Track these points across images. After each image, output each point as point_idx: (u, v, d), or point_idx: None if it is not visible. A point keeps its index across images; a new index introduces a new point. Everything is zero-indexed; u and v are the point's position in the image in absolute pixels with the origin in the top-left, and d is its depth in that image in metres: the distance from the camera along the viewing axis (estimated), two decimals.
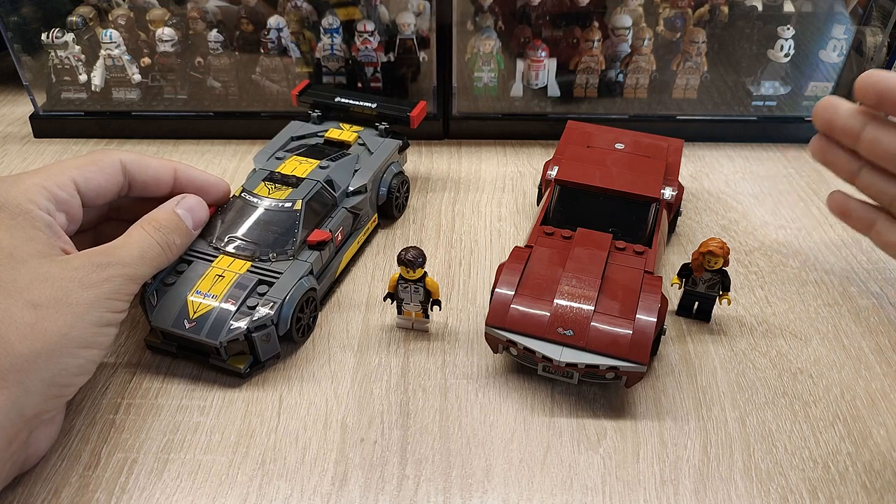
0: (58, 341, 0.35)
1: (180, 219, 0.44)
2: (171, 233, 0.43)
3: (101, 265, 0.38)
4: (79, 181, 0.42)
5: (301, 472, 0.38)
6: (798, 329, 0.48)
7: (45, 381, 0.35)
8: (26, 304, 0.35)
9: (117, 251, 0.39)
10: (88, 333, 0.36)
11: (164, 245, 0.42)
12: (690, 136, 0.65)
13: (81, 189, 0.42)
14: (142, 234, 0.41)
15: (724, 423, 0.41)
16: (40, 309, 0.35)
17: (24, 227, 0.38)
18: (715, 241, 0.44)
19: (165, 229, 0.42)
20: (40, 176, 0.40)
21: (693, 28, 0.66)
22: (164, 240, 0.42)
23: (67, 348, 0.35)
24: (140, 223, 0.42)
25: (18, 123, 0.71)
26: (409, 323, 0.47)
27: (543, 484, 0.38)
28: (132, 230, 0.42)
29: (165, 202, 0.45)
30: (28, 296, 0.35)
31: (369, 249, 0.55)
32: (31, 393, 0.34)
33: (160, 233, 0.42)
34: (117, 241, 0.40)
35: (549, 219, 0.49)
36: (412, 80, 0.68)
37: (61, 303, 0.36)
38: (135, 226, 0.42)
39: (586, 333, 0.40)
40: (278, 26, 0.65)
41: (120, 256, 0.39)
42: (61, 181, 0.41)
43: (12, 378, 0.33)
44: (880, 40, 0.64)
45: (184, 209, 0.45)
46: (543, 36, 0.66)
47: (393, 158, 0.57)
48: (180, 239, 0.44)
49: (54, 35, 0.65)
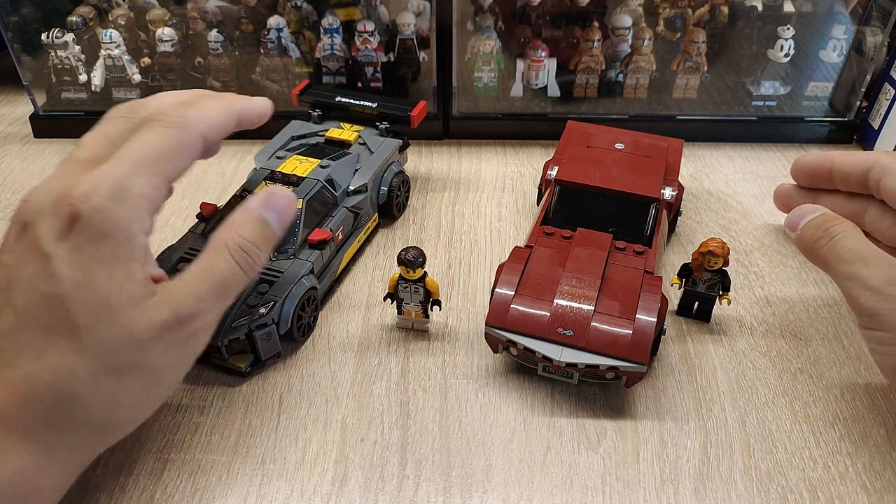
0: (133, 406, 0.34)
1: (270, 227, 0.38)
2: (259, 252, 0.37)
3: (187, 318, 0.34)
4: (170, 177, 0.36)
5: (301, 472, 0.38)
6: (798, 329, 0.48)
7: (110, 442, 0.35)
8: (112, 371, 0.32)
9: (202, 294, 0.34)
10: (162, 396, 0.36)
11: (249, 269, 0.36)
12: (690, 136, 0.65)
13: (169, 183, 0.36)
14: (227, 264, 0.35)
15: (724, 423, 0.41)
16: (123, 378, 0.32)
17: (126, 262, 0.33)
18: (715, 241, 0.44)
19: (252, 248, 0.36)
20: (141, 179, 0.34)
21: (693, 28, 0.66)
22: (250, 263, 0.36)
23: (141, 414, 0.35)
24: (224, 242, 0.36)
25: (18, 123, 0.71)
26: (409, 323, 0.47)
27: (543, 484, 0.38)
28: (216, 254, 0.35)
29: (251, 202, 0.38)
30: (115, 361, 0.32)
31: (369, 249, 0.55)
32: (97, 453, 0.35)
33: (246, 255, 0.36)
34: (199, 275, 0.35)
35: (549, 219, 0.49)
36: (412, 80, 0.68)
37: (144, 369, 0.33)
38: (218, 247, 0.36)
39: (586, 333, 0.40)
40: (278, 26, 0.65)
41: (206, 304, 0.34)
42: (158, 182, 0.35)
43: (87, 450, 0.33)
44: (880, 40, 0.64)
45: (273, 212, 0.38)
46: (543, 36, 0.66)
47: (393, 158, 0.57)
48: (266, 254, 0.38)
49: (54, 35, 0.65)
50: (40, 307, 0.32)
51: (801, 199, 0.53)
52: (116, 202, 0.32)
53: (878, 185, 0.47)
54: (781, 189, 0.55)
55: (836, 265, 0.41)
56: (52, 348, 0.31)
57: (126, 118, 0.36)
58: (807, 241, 0.43)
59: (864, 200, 0.49)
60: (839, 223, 0.42)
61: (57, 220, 0.32)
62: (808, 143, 0.69)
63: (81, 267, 0.32)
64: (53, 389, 0.31)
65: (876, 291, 0.38)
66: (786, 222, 0.46)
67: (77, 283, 0.32)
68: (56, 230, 0.32)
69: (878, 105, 0.65)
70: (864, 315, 0.38)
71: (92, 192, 0.32)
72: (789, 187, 0.55)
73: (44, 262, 0.32)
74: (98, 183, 0.32)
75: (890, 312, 0.37)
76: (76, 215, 0.32)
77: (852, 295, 0.39)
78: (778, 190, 0.55)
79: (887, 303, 0.37)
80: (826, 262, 0.41)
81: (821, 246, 0.42)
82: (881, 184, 0.46)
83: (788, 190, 0.54)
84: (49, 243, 0.32)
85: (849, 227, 0.41)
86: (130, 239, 0.33)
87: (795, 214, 0.44)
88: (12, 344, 0.32)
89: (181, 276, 0.35)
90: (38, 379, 0.31)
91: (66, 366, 0.31)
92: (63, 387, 0.31)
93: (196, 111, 0.37)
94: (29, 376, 0.31)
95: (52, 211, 0.32)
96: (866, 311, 0.38)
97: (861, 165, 0.48)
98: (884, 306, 0.37)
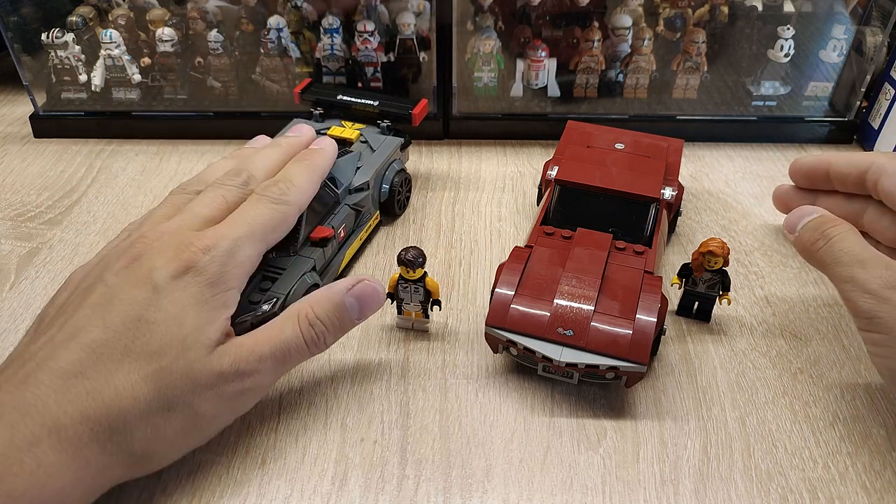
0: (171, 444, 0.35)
1: (346, 312, 0.40)
2: (327, 332, 0.39)
3: (244, 373, 0.36)
4: (270, 245, 0.41)
5: (301, 472, 0.38)
6: (798, 329, 0.48)
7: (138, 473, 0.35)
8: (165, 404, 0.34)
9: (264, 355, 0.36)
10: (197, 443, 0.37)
11: (313, 345, 0.38)
12: (690, 136, 0.65)
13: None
14: (293, 334, 0.38)
15: (724, 423, 0.41)
16: (172, 414, 0.34)
17: (216, 308, 0.36)
18: (715, 241, 0.44)
19: (321, 326, 0.38)
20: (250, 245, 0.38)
21: (693, 28, 0.66)
22: (315, 340, 0.38)
23: (175, 454, 0.36)
24: (297, 312, 0.38)
25: (18, 123, 0.71)
26: (409, 323, 0.47)
27: (543, 484, 0.38)
28: (287, 322, 0.38)
29: (340, 282, 0.40)
30: (170, 395, 0.34)
31: (370, 249, 0.55)
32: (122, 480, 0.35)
33: (313, 331, 0.38)
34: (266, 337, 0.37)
35: (549, 219, 0.49)
36: (412, 80, 0.68)
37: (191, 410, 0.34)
38: (290, 315, 0.38)
39: (586, 333, 0.40)
40: (278, 26, 0.65)
41: (264, 365, 0.36)
42: (261, 249, 0.40)
43: (117, 474, 0.34)
44: (880, 40, 0.64)
45: (354, 299, 0.40)
46: (543, 36, 0.66)
47: (395, 156, 0.57)
48: (335, 337, 0.40)
49: (54, 35, 0.65)
50: (129, 329, 0.34)
51: (800, 199, 0.53)
52: (229, 259, 0.37)
53: (876, 187, 0.47)
54: (780, 190, 0.55)
55: (833, 268, 0.41)
56: (123, 369, 0.33)
57: (240, 189, 0.42)
58: (804, 243, 0.43)
59: (863, 201, 0.49)
60: (836, 225, 0.42)
61: (176, 263, 0.36)
62: (808, 143, 0.69)
63: (179, 304, 0.35)
64: (112, 410, 0.32)
65: (873, 294, 0.38)
66: (784, 224, 0.46)
67: (169, 316, 0.35)
68: (172, 270, 0.36)
69: (878, 105, 0.65)
70: (861, 318, 0.39)
71: (214, 246, 0.37)
72: (788, 188, 0.55)
73: (152, 293, 0.35)
74: (219, 241, 0.37)
75: (887, 315, 0.37)
76: (194, 262, 0.36)
77: (850, 298, 0.39)
78: (777, 191, 0.55)
79: (884, 306, 0.37)
80: (823, 264, 0.42)
81: (818, 248, 0.42)
82: (878, 185, 0.46)
83: (787, 191, 0.55)
84: (163, 279, 0.35)
85: (846, 229, 0.41)
86: (227, 291, 0.37)
87: (793, 216, 0.45)
88: (90, 357, 0.33)
89: (250, 334, 0.37)
90: (100, 396, 0.32)
91: (131, 390, 0.33)
92: (120, 409, 0.32)
93: (295, 189, 0.43)
94: (92, 392, 0.32)
95: (173, 255, 0.36)
96: (864, 314, 0.38)
97: (858, 167, 0.48)
98: (881, 309, 0.37)
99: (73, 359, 0.33)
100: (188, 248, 0.36)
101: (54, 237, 0.56)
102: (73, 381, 0.32)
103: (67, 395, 0.32)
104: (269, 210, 0.41)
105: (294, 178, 0.43)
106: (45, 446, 0.31)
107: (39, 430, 0.31)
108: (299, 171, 0.45)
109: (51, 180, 0.63)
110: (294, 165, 0.45)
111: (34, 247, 0.55)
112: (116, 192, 0.61)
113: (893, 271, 0.38)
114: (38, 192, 0.61)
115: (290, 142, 0.48)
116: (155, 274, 0.35)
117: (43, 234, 0.56)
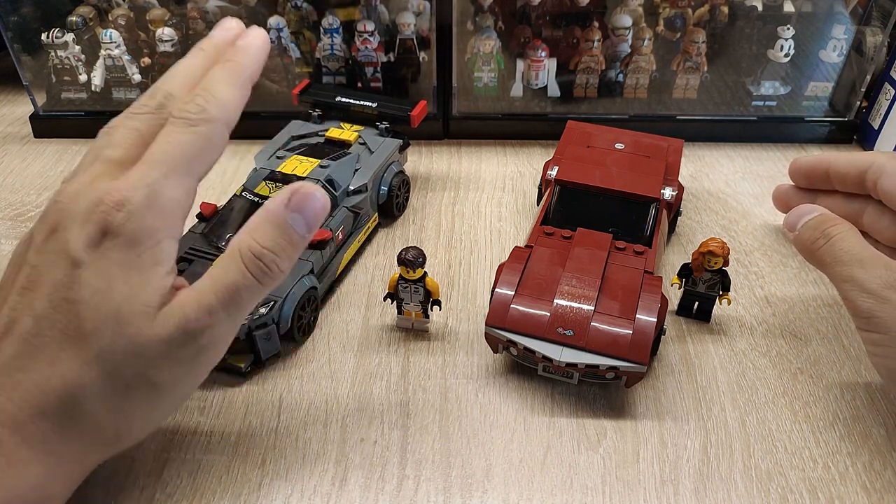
0: (140, 419, 0.34)
1: (293, 231, 0.34)
2: (277, 259, 0.34)
3: (194, 332, 0.32)
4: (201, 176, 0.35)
5: (301, 472, 0.38)
6: (798, 329, 0.48)
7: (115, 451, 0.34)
8: (119, 384, 0.32)
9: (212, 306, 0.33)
10: (169, 410, 0.36)
11: (265, 278, 0.34)
12: (690, 136, 0.65)
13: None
14: (239, 273, 0.33)
15: (724, 423, 0.41)
16: (131, 391, 0.32)
17: (147, 268, 0.32)
18: (715, 241, 0.44)
19: (269, 255, 0.34)
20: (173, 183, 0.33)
21: (693, 28, 0.66)
22: (265, 272, 0.34)
23: (148, 427, 0.35)
24: (238, 248, 0.34)
25: (18, 123, 0.71)
26: (409, 323, 0.47)
27: (543, 484, 0.38)
28: (229, 263, 0.33)
29: (274, 199, 0.35)
30: (121, 373, 0.31)
31: (369, 249, 0.55)
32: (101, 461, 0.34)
33: (261, 263, 0.33)
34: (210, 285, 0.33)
35: (549, 219, 0.49)
36: (412, 80, 0.68)
37: (150, 384, 0.32)
38: (232, 254, 0.34)
39: (586, 333, 0.40)
40: (278, 26, 0.65)
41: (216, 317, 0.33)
42: (189, 184, 0.34)
43: (92, 459, 0.33)
44: (880, 40, 0.64)
45: (295, 210, 0.34)
46: (543, 36, 0.66)
47: (393, 158, 0.57)
48: (289, 262, 0.35)
49: (54, 35, 0.65)
50: (59, 313, 0.31)
51: (800, 199, 0.53)
52: (149, 210, 0.32)
53: (875, 186, 0.47)
54: (780, 189, 0.55)
55: (833, 267, 0.41)
56: (64, 356, 0.31)
57: (155, 115, 0.35)
58: (804, 242, 0.43)
59: (863, 200, 0.49)
60: (836, 224, 0.42)
61: (89, 226, 0.32)
62: (808, 143, 0.69)
63: (104, 274, 0.31)
64: (64, 399, 0.31)
65: (872, 294, 0.38)
66: (784, 222, 0.46)
67: (95, 290, 0.31)
68: (88, 237, 0.32)
69: (878, 105, 0.65)
70: (860, 317, 0.39)
71: (126, 199, 0.32)
72: (788, 188, 0.55)
73: (71, 269, 0.31)
74: (132, 191, 0.32)
75: (886, 315, 0.37)
76: (109, 223, 0.32)
77: (849, 297, 0.39)
78: (777, 190, 0.55)
79: (884, 306, 0.37)
80: (823, 263, 0.42)
81: (818, 247, 0.42)
82: (878, 185, 0.46)
83: (787, 190, 0.55)
84: (79, 250, 0.31)
85: (846, 229, 0.41)
86: (157, 245, 0.33)
87: (793, 215, 0.44)
88: (28, 348, 0.31)
89: (193, 286, 0.33)
90: (49, 387, 0.31)
91: (76, 376, 0.31)
92: (73, 397, 0.31)
93: (216, 102, 0.35)
94: (40, 384, 0.31)
95: (84, 218, 0.32)
96: (863, 314, 0.38)
97: (857, 166, 0.48)
98: (880, 309, 0.37)
99: (11, 353, 0.31)
100: (98, 209, 0.32)
101: None
102: (18, 376, 0.31)
103: (18, 392, 0.30)
104: (187, 136, 0.34)
105: (214, 89, 0.36)
106: (10, 445, 0.30)
107: (0, 431, 0.30)
108: (220, 77, 0.37)
109: (51, 180, 0.63)
110: (214, 72, 0.37)
111: None
112: None
113: (893, 271, 0.38)
114: (38, 192, 0.61)
115: (213, 42, 0.39)
116: (71, 246, 0.31)
117: None
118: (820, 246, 0.42)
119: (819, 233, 0.42)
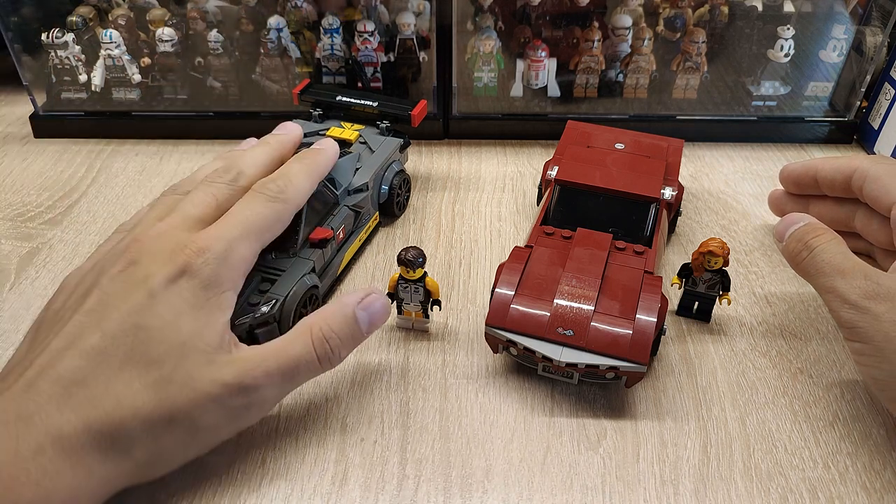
0: (171, 454, 0.35)
1: (357, 326, 0.39)
2: (340, 346, 0.38)
3: (248, 388, 0.35)
4: (265, 244, 0.40)
5: (301, 472, 0.38)
6: (798, 329, 0.48)
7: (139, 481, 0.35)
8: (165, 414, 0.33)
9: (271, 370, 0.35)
10: (195, 454, 0.36)
11: (325, 360, 0.38)
12: (690, 136, 0.65)
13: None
14: (305, 349, 0.37)
15: (724, 423, 0.41)
16: (172, 425, 0.33)
17: (212, 311, 0.36)
18: (715, 241, 0.44)
19: (335, 340, 0.38)
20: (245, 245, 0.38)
21: (693, 28, 0.66)
22: (328, 355, 0.38)
23: (174, 463, 0.36)
24: (309, 327, 0.38)
25: (18, 123, 0.71)
26: (409, 323, 0.47)
27: (543, 484, 0.38)
28: (297, 336, 0.37)
29: (348, 296, 0.40)
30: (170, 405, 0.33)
31: (370, 249, 0.55)
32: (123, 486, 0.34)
33: (327, 346, 0.37)
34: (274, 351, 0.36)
35: (549, 219, 0.49)
36: (412, 80, 0.68)
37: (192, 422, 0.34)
38: (302, 330, 0.38)
39: (586, 333, 0.40)
40: (278, 26, 0.65)
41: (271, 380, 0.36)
42: (256, 248, 0.39)
43: (118, 482, 0.33)
44: (880, 40, 0.64)
45: (365, 313, 0.39)
46: (543, 36, 0.66)
47: (394, 157, 0.57)
48: (347, 351, 0.39)
49: (54, 35, 0.65)
50: (128, 335, 0.34)
51: (793, 204, 0.54)
52: (224, 261, 0.37)
53: (861, 191, 0.47)
54: (774, 195, 0.56)
55: (816, 278, 0.41)
56: (123, 377, 0.33)
57: (229, 186, 0.41)
58: (790, 253, 0.43)
59: (853, 204, 0.49)
60: (818, 235, 0.42)
61: (171, 265, 0.35)
62: (808, 143, 0.69)
63: (175, 309, 0.35)
64: (113, 418, 0.32)
65: (853, 305, 0.38)
66: (773, 232, 0.46)
67: (165, 322, 0.34)
68: (168, 274, 0.35)
69: (878, 105, 0.65)
70: (844, 327, 0.39)
71: (207, 248, 0.36)
72: (781, 193, 0.55)
73: (147, 298, 0.34)
74: (212, 243, 0.37)
75: (867, 325, 0.37)
76: (188, 265, 0.36)
77: (832, 308, 0.40)
78: (771, 195, 0.56)
79: (865, 316, 0.38)
80: (808, 274, 0.42)
81: (802, 259, 0.42)
82: (863, 189, 0.47)
83: (781, 195, 0.55)
84: (158, 284, 0.35)
85: (828, 239, 0.41)
86: (223, 293, 0.37)
87: (781, 225, 0.45)
88: (90, 364, 0.33)
89: (257, 347, 0.37)
90: (101, 405, 0.32)
91: (130, 398, 0.33)
92: (121, 418, 0.32)
93: (293, 187, 0.42)
94: (93, 399, 0.32)
95: (168, 257, 0.36)
96: (846, 324, 0.39)
97: (843, 172, 0.48)
98: (861, 319, 0.38)
99: (72, 366, 0.32)
100: (182, 251, 0.36)
101: (54, 237, 0.56)
102: (73, 388, 0.32)
103: (69, 404, 0.32)
104: (264, 208, 0.40)
105: (292, 176, 0.43)
106: (49, 455, 0.30)
107: (43, 439, 0.31)
108: (298, 169, 0.44)
109: (51, 180, 0.63)
110: (293, 163, 0.45)
111: (34, 247, 0.55)
112: (116, 192, 0.61)
113: (872, 281, 0.38)
114: (38, 192, 0.61)
115: (278, 139, 0.48)
116: (150, 279, 0.35)
117: (43, 235, 0.56)
118: (804, 258, 0.42)
119: (802, 244, 0.42)
